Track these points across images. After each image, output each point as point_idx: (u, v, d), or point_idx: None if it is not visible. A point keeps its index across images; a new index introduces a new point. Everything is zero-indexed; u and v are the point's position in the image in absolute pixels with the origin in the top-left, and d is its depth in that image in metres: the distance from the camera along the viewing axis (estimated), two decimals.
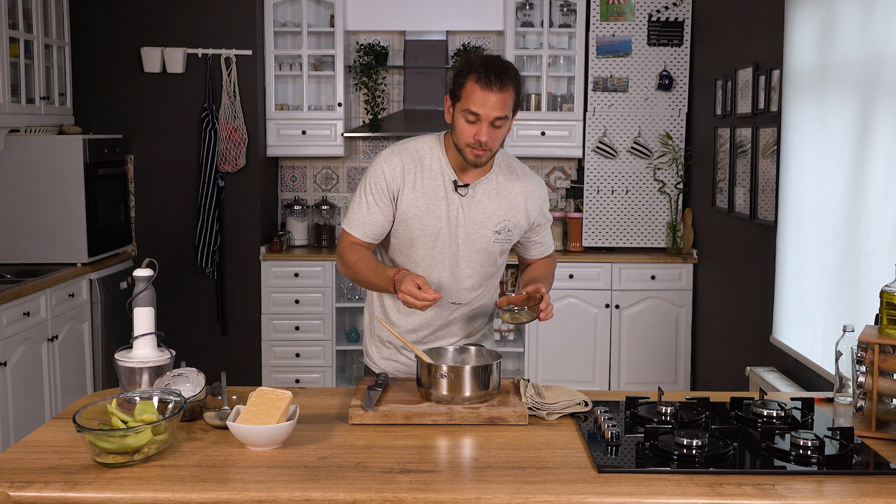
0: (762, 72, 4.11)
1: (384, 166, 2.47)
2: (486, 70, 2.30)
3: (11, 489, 1.73)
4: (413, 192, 2.46)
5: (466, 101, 2.32)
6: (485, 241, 2.49)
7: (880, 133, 2.98)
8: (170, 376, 2.12)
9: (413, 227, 2.47)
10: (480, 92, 2.29)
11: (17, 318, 4.11)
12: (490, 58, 2.35)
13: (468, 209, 2.47)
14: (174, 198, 5.43)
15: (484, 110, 2.30)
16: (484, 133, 2.32)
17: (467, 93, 2.32)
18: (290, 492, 1.72)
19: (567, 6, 5.55)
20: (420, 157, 2.47)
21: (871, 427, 2.08)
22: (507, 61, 2.37)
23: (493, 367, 2.23)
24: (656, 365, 5.46)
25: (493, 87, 2.29)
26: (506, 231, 2.51)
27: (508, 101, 2.32)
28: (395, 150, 2.50)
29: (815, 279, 3.48)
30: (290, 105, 5.72)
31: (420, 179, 2.46)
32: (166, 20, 5.33)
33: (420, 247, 2.49)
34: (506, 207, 2.50)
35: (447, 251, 2.48)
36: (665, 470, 1.85)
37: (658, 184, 5.53)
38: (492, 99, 2.29)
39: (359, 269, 2.45)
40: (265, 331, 5.47)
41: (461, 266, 2.51)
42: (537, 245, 2.65)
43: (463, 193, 2.46)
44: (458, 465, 1.93)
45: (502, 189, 2.50)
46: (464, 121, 2.34)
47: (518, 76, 2.37)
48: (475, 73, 2.30)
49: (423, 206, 2.46)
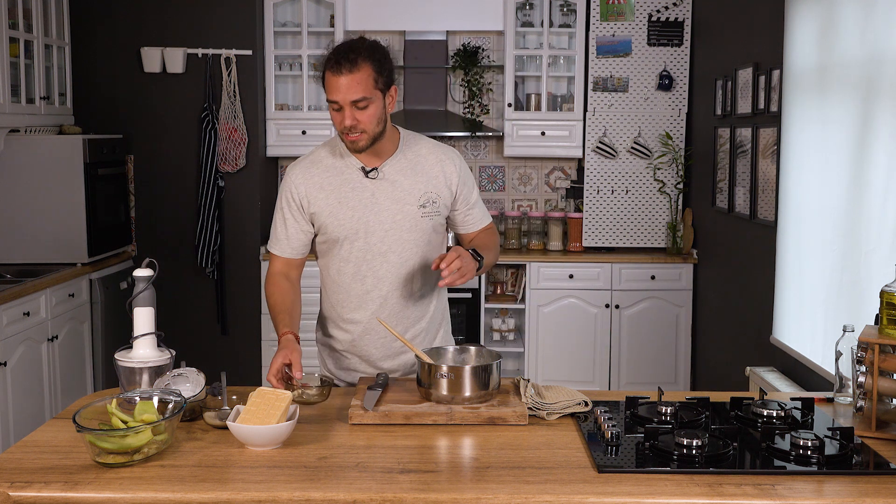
0: (762, 72, 4.11)
1: (287, 181, 2.52)
2: (336, 55, 2.31)
3: (11, 489, 1.73)
4: (321, 193, 2.46)
5: (327, 91, 2.34)
6: (411, 218, 2.47)
7: (880, 133, 2.98)
8: (170, 376, 2.12)
9: (331, 226, 2.47)
10: (332, 78, 2.31)
11: (17, 318, 4.11)
12: (343, 43, 2.35)
13: (385, 190, 2.46)
14: (174, 198, 5.43)
15: (339, 95, 2.31)
16: (348, 118, 2.32)
17: (326, 83, 2.34)
18: (290, 492, 1.72)
19: (567, 6, 5.55)
20: (318, 159, 2.50)
21: (871, 427, 2.08)
22: (362, 41, 2.35)
23: (493, 367, 2.23)
24: (656, 365, 5.46)
25: (343, 70, 2.29)
26: (431, 203, 2.48)
27: (364, 79, 2.30)
28: (294, 164, 2.54)
29: (815, 279, 3.48)
30: (290, 105, 5.72)
31: (324, 179, 2.47)
32: (166, 20, 5.33)
33: (346, 243, 2.48)
34: (423, 180, 2.48)
35: (374, 239, 2.46)
36: (665, 470, 1.85)
37: (658, 184, 5.53)
38: (343, 82, 2.29)
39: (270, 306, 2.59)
40: (265, 331, 5.47)
41: (396, 251, 2.48)
42: (469, 217, 2.59)
43: (373, 176, 2.45)
44: (458, 465, 1.93)
45: (415, 164, 2.49)
46: (332, 111, 2.36)
47: (375, 52, 2.33)
48: (328, 62, 2.32)
49: (335, 203, 2.46)
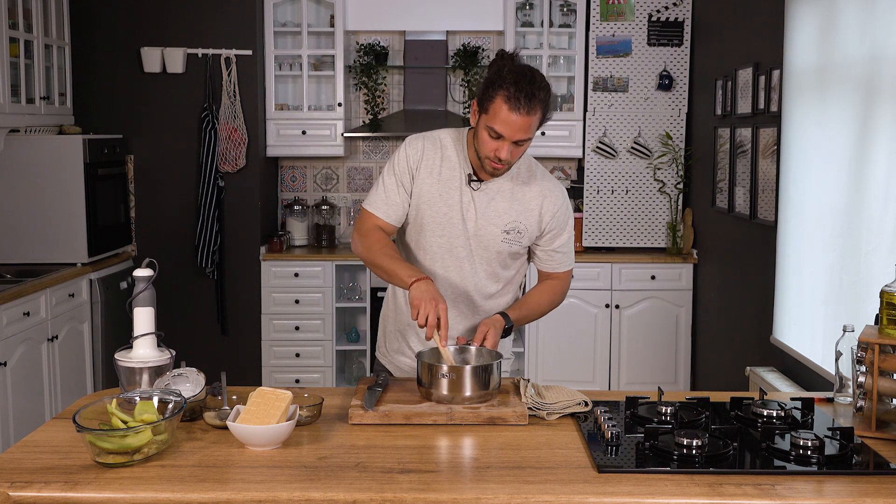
0: (762, 72, 4.11)
1: (408, 148, 2.48)
2: (517, 90, 2.24)
3: (11, 489, 1.73)
4: (430, 178, 2.46)
5: (493, 118, 2.29)
6: (493, 238, 2.48)
7: (880, 133, 2.98)
8: (170, 376, 2.12)
9: (424, 213, 2.48)
10: (507, 113, 2.26)
11: (17, 318, 4.11)
12: (523, 74, 2.27)
13: (479, 205, 2.46)
14: (174, 198, 5.43)
15: (508, 131, 2.28)
16: (505, 152, 2.31)
17: (494, 109, 2.28)
18: (290, 492, 1.72)
19: (567, 6, 5.55)
20: (443, 145, 2.49)
21: (871, 427, 2.08)
22: (539, 78, 2.30)
23: (493, 367, 2.23)
24: (656, 365, 5.46)
25: (521, 110, 2.25)
26: (515, 232, 2.48)
27: (534, 122, 2.29)
28: (420, 135, 2.52)
29: (815, 279, 3.48)
30: (290, 105, 5.72)
31: (438, 167, 2.47)
32: (166, 20, 5.33)
33: (429, 234, 2.49)
34: (518, 209, 2.48)
35: (458, 242, 2.48)
36: (665, 470, 1.85)
37: (658, 184, 5.53)
38: (518, 121, 2.26)
39: (377, 251, 2.42)
40: (265, 331, 5.47)
41: (474, 260, 2.50)
42: (552, 255, 2.56)
43: (475, 188, 2.45)
44: (458, 465, 1.93)
45: (517, 191, 2.48)
46: (487, 134, 2.32)
47: (548, 95, 2.31)
48: (505, 91, 2.25)
49: (436, 193, 2.46)
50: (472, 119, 2.41)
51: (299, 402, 2.14)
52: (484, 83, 2.34)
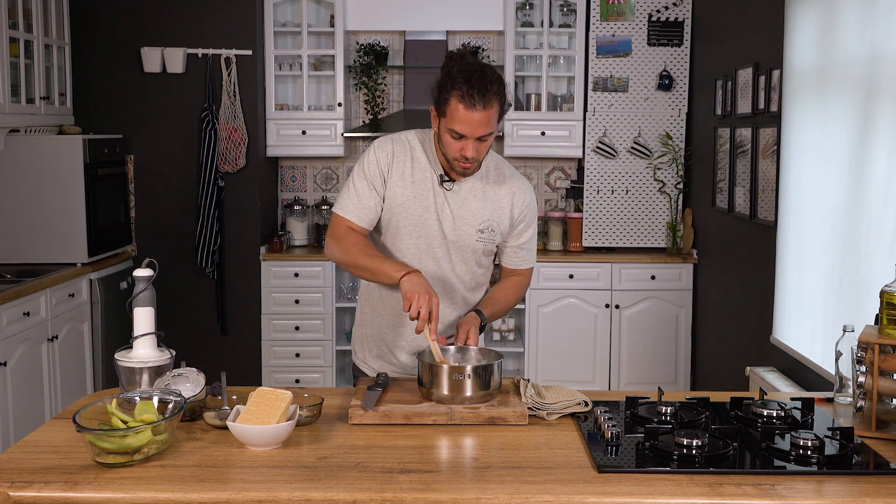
0: (762, 72, 4.11)
1: (377, 151, 2.48)
2: (469, 87, 2.26)
3: (11, 489, 1.73)
4: (402, 181, 2.47)
5: (451, 119, 2.31)
6: (468, 238, 2.50)
7: (880, 133, 2.98)
8: (170, 376, 2.12)
9: (400, 216, 2.48)
10: (464, 112, 2.28)
11: (17, 318, 4.11)
12: (473, 70, 2.29)
13: (453, 205, 2.48)
14: (174, 198, 5.43)
15: (469, 129, 2.30)
16: (471, 150, 2.33)
17: (451, 111, 2.30)
18: (290, 492, 1.72)
19: (567, 6, 5.55)
20: (412, 147, 2.49)
21: (871, 427, 2.08)
22: (490, 72, 2.31)
23: (493, 367, 2.23)
24: (656, 365, 5.46)
25: (477, 106, 2.27)
26: (489, 231, 2.51)
27: (493, 116, 2.31)
28: (388, 138, 2.52)
29: (815, 279, 3.48)
30: (290, 105, 5.72)
31: (410, 169, 2.47)
32: (166, 20, 5.33)
33: (406, 236, 2.50)
34: (490, 208, 2.50)
35: (435, 242, 2.49)
36: (665, 470, 1.85)
37: (658, 184, 5.53)
38: (476, 118, 2.29)
39: (356, 252, 2.42)
40: (265, 331, 5.47)
41: (452, 259, 2.52)
42: (517, 251, 2.60)
43: (448, 188, 2.47)
44: (458, 465, 1.93)
45: (488, 190, 2.50)
46: (449, 136, 2.34)
47: (502, 87, 2.32)
48: (458, 91, 2.28)
49: (410, 196, 2.47)
50: (433, 124, 2.42)
51: (299, 402, 2.14)
52: (437, 87, 2.35)
